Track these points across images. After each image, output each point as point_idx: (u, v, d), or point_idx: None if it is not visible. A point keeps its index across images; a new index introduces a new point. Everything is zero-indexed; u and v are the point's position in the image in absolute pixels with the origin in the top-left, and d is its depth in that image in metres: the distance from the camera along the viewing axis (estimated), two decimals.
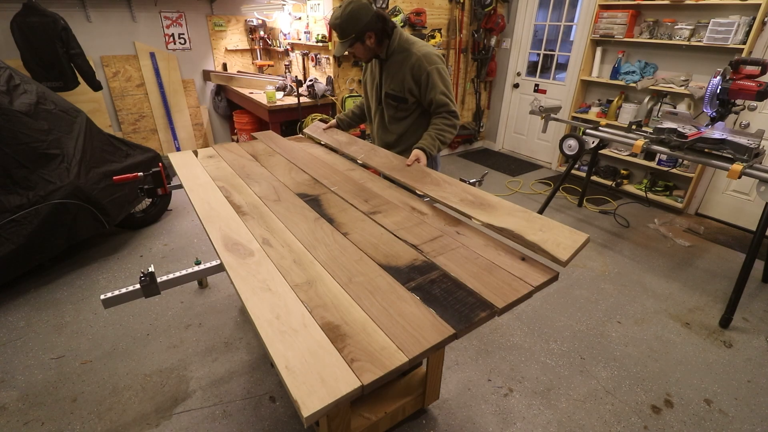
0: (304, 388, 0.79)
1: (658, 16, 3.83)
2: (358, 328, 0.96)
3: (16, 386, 1.99)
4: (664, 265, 3.07)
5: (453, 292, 1.08)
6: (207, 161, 2.06)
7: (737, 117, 3.47)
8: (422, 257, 1.24)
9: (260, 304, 1.03)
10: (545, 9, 4.85)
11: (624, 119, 4.07)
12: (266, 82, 4.37)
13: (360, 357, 0.87)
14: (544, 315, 2.53)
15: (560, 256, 1.17)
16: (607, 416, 1.89)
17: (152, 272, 1.24)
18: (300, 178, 1.87)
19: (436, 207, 1.58)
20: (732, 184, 3.64)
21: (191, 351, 2.22)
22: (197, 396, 1.97)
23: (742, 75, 2.58)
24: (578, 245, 1.19)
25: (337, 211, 1.54)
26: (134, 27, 4.32)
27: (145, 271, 1.24)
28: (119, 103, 4.49)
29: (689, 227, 3.66)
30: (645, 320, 2.50)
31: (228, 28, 4.89)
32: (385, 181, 1.83)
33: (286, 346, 0.90)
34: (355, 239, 1.34)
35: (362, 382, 0.81)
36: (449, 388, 2.03)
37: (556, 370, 2.14)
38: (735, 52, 3.37)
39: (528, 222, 1.34)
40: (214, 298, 2.62)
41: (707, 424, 1.86)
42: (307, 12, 4.30)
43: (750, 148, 2.39)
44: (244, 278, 1.13)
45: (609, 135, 3.11)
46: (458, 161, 5.32)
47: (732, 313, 2.44)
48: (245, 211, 1.53)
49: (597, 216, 3.85)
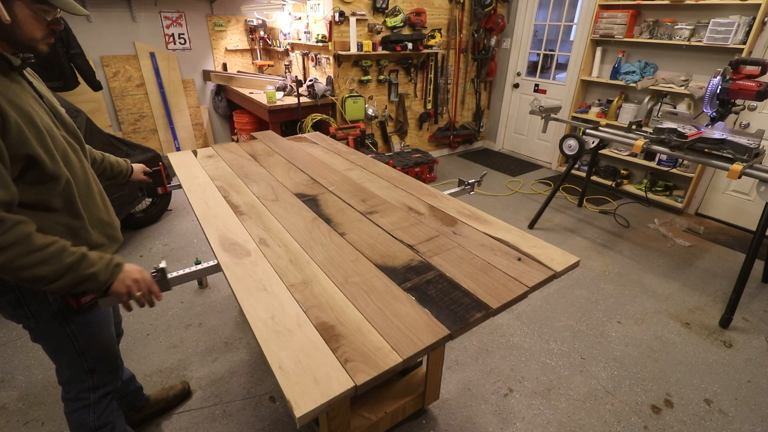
0: (298, 388, 0.79)
1: (658, 16, 3.82)
2: (353, 328, 0.95)
3: (16, 386, 2.00)
4: (664, 265, 3.07)
5: (448, 293, 1.07)
6: (206, 161, 2.07)
7: (737, 117, 3.46)
8: (418, 257, 1.24)
9: (256, 303, 1.03)
10: (545, 9, 4.84)
11: (624, 119, 4.06)
12: (266, 82, 4.37)
13: (354, 357, 0.87)
14: (544, 315, 2.52)
15: (554, 267, 1.19)
16: (607, 416, 1.89)
17: (164, 268, 1.23)
18: (298, 178, 1.87)
19: (433, 207, 1.58)
20: (732, 184, 3.63)
21: (191, 351, 2.22)
22: (197, 396, 1.97)
23: (742, 75, 2.57)
24: (570, 263, 1.21)
25: (334, 211, 1.54)
26: (134, 27, 4.33)
27: (157, 266, 1.23)
28: (119, 103, 4.50)
29: (689, 227, 3.65)
30: (645, 320, 2.50)
31: (228, 28, 4.90)
32: (383, 180, 1.83)
33: (280, 346, 0.90)
34: (352, 239, 1.34)
35: (356, 382, 0.81)
36: (449, 388, 2.03)
37: (556, 370, 2.13)
38: (735, 52, 3.36)
39: (522, 239, 1.35)
40: (214, 298, 2.62)
41: (707, 424, 1.86)
42: (307, 12, 4.30)
43: (750, 148, 2.39)
44: (240, 278, 1.13)
45: (609, 135, 3.11)
46: (458, 161, 5.32)
47: (732, 313, 2.44)
48: (243, 211, 1.53)
49: (597, 216, 3.84)
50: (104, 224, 1.21)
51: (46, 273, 0.97)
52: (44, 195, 1.02)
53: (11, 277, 0.95)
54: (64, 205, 1.07)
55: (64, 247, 1.00)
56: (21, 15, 0.93)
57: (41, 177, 0.99)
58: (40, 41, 1.00)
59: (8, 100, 0.93)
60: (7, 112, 0.91)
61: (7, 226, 0.91)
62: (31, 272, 0.95)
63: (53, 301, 1.16)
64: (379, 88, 4.56)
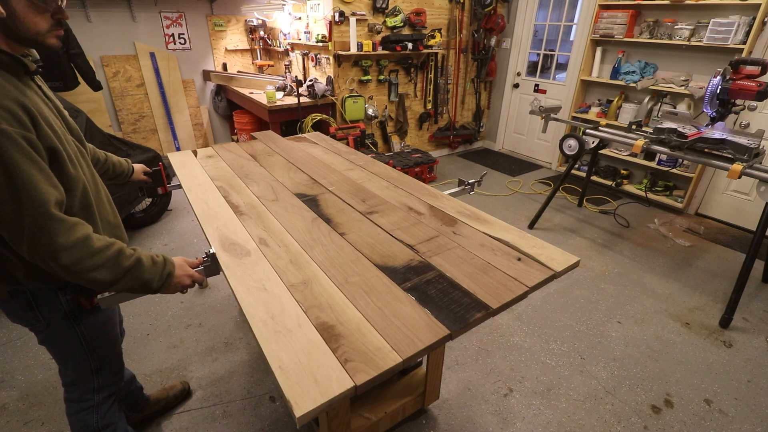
0: (298, 388, 0.79)
1: (658, 16, 3.82)
2: (353, 328, 0.95)
3: (16, 386, 2.00)
4: (664, 265, 3.07)
5: (448, 293, 1.07)
6: (206, 161, 2.07)
7: (737, 117, 3.46)
8: (418, 257, 1.24)
9: (255, 303, 1.03)
10: (545, 9, 4.84)
11: (624, 119, 4.06)
12: (266, 82, 4.38)
13: (354, 357, 0.87)
14: (544, 315, 2.52)
15: (554, 267, 1.19)
16: (607, 416, 1.89)
17: (214, 253, 1.24)
18: (298, 178, 1.87)
19: (433, 207, 1.58)
20: (732, 184, 3.63)
21: (191, 351, 2.22)
22: (197, 396, 1.97)
23: (742, 75, 2.57)
24: (570, 263, 1.21)
25: (334, 211, 1.54)
26: (134, 27, 4.33)
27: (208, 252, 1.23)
28: (119, 103, 4.50)
29: (689, 227, 3.65)
30: (645, 320, 2.50)
31: (228, 28, 4.90)
32: (382, 180, 1.83)
33: (280, 345, 0.90)
34: (352, 239, 1.34)
35: (355, 382, 0.81)
36: (449, 388, 2.03)
37: (556, 370, 2.13)
38: (735, 52, 3.36)
39: (522, 239, 1.35)
40: (214, 298, 2.62)
41: (707, 424, 1.86)
42: (307, 12, 4.30)
43: (750, 148, 2.39)
44: (240, 278, 1.13)
45: (609, 135, 3.11)
46: (458, 161, 5.32)
47: (732, 313, 2.44)
48: (243, 211, 1.53)
49: (597, 216, 3.84)
50: (113, 226, 1.22)
51: (104, 277, 0.97)
52: (67, 201, 1.00)
53: (73, 279, 0.95)
54: (81, 209, 1.05)
55: (121, 249, 1.00)
56: (18, 7, 0.88)
57: (62, 181, 0.98)
58: (46, 34, 0.95)
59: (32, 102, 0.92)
60: (33, 111, 0.90)
61: (67, 225, 0.91)
62: (92, 275, 0.95)
63: (65, 302, 1.15)
64: (379, 88, 4.56)
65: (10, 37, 0.92)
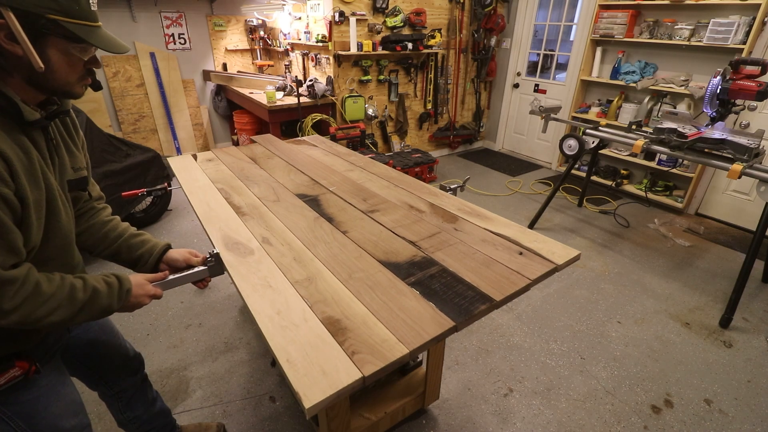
0: (306, 380, 0.80)
1: (658, 16, 3.83)
2: (359, 321, 0.96)
3: None
4: (664, 265, 3.07)
5: (452, 286, 1.08)
6: (206, 164, 2.07)
7: (737, 117, 3.47)
8: (421, 253, 1.24)
9: (261, 300, 1.03)
10: (545, 9, 4.86)
11: (624, 119, 4.07)
12: (266, 82, 4.38)
13: (361, 349, 0.87)
14: (544, 315, 2.52)
15: (555, 260, 1.19)
16: (607, 416, 1.89)
17: (218, 253, 1.22)
18: (299, 179, 1.87)
19: (433, 205, 1.58)
20: (732, 184, 3.64)
21: (191, 351, 2.22)
22: (197, 396, 1.97)
23: (742, 75, 2.58)
24: (571, 257, 1.22)
25: (336, 211, 1.54)
26: (134, 27, 4.33)
27: (212, 252, 1.21)
28: (119, 103, 4.49)
29: (689, 227, 3.66)
30: (645, 320, 2.50)
31: (228, 28, 4.90)
32: (383, 180, 1.83)
33: (287, 340, 0.90)
34: (355, 237, 1.34)
35: (363, 373, 0.81)
36: (449, 388, 2.02)
37: (556, 370, 2.13)
38: (735, 52, 3.37)
39: (523, 234, 1.35)
40: (214, 298, 2.62)
41: (707, 424, 1.86)
42: (307, 12, 4.30)
43: (750, 148, 2.39)
44: (244, 276, 1.13)
45: (609, 135, 3.11)
46: (458, 161, 5.32)
47: (732, 313, 2.44)
48: (245, 212, 1.53)
49: (597, 216, 3.85)
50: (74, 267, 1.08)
51: (62, 317, 0.89)
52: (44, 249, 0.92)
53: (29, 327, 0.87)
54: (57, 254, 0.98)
55: (72, 285, 0.91)
56: (55, 59, 0.81)
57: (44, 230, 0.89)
58: (75, 84, 0.88)
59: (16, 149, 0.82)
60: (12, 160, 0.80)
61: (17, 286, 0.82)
62: (48, 320, 0.87)
63: None
64: (379, 88, 4.57)
65: (33, 86, 0.85)
